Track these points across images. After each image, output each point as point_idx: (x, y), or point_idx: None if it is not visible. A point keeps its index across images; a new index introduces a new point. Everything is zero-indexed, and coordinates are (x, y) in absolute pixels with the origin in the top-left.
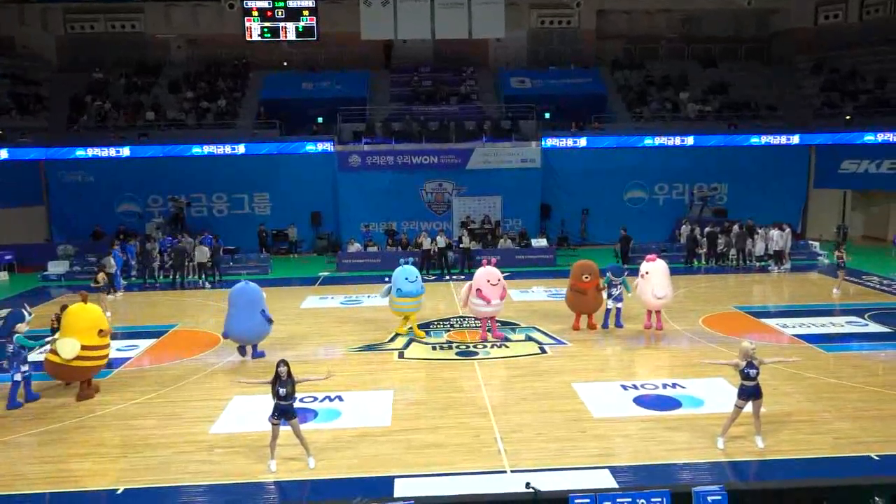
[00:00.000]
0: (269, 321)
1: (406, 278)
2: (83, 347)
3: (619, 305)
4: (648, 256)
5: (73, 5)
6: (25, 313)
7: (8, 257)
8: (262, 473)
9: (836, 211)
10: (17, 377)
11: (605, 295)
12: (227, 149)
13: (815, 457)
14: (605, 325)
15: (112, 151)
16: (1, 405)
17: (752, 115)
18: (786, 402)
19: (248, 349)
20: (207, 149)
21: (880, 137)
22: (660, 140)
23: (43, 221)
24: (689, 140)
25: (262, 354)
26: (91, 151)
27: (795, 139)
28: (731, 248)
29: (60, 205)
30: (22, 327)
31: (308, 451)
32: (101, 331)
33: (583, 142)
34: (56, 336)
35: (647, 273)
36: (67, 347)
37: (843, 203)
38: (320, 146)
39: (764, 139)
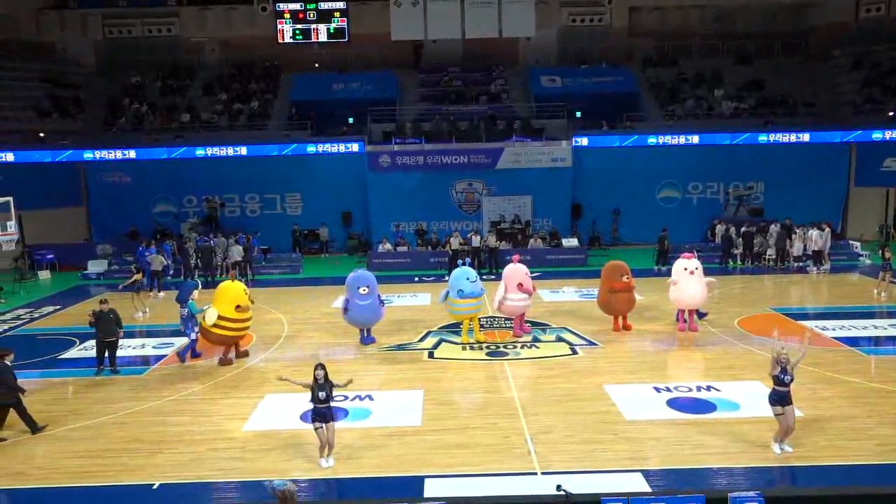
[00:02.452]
0: (345, 310)
1: (468, 279)
2: (220, 317)
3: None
4: (685, 254)
5: (111, 11)
6: (199, 282)
7: (50, 256)
8: (293, 471)
9: (879, 210)
10: (193, 336)
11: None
12: (230, 150)
13: (857, 463)
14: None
15: (119, 154)
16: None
17: (789, 112)
18: (825, 407)
19: (366, 332)
20: (211, 151)
21: None
22: (663, 139)
23: (83, 222)
24: (695, 139)
25: (371, 340)
26: (98, 154)
27: (806, 137)
28: (769, 249)
29: (99, 206)
30: (196, 294)
31: (330, 452)
32: (238, 306)
33: (597, 140)
34: (207, 306)
35: (697, 268)
36: (209, 315)
37: (885, 202)
38: (321, 147)
39: (773, 137)
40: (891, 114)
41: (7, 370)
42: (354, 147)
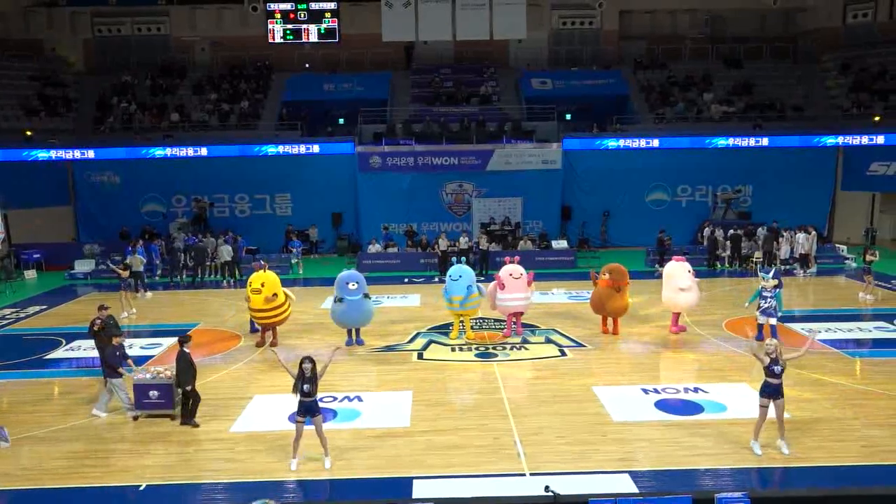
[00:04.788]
0: (336, 301)
1: (460, 275)
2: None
3: (773, 321)
4: (676, 257)
5: (101, 9)
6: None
7: (36, 256)
8: (281, 472)
9: (865, 214)
10: None
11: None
12: (190, 151)
13: (843, 465)
14: (758, 337)
15: (77, 153)
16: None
17: (778, 116)
18: (812, 409)
19: (354, 334)
20: (180, 152)
21: None
22: (624, 143)
23: (70, 221)
24: (655, 142)
25: (360, 342)
26: (55, 154)
27: (761, 140)
28: (757, 252)
29: (87, 205)
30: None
31: (326, 451)
32: (252, 289)
33: (586, 143)
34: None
35: (690, 271)
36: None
37: (871, 206)
38: (283, 148)
39: (732, 141)
40: (877, 118)
41: (182, 358)
42: (315, 148)
